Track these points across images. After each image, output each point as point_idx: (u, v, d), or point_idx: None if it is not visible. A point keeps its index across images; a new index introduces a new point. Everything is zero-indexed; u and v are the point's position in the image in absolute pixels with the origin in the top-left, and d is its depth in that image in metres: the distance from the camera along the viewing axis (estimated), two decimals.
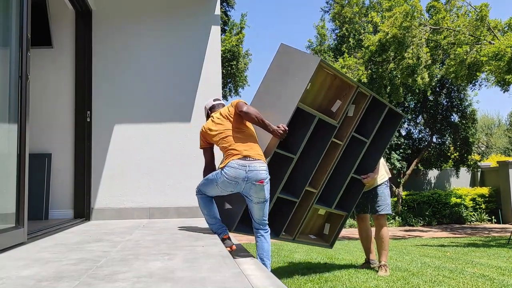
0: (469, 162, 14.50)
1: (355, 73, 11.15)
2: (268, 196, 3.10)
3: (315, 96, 3.70)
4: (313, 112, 3.42)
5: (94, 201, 4.65)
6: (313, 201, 3.74)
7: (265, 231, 3.16)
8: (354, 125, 3.80)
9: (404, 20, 9.94)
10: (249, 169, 3.01)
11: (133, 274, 1.83)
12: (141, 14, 4.94)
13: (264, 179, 3.03)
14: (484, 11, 9.61)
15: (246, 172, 3.01)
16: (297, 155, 3.41)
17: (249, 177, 3.01)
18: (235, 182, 3.03)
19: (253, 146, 3.13)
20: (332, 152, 3.77)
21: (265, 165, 3.08)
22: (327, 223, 4.28)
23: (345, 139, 3.78)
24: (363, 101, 3.82)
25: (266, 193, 3.07)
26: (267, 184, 3.07)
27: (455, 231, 11.07)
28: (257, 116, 3.12)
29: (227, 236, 3.18)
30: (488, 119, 28.56)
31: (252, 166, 3.01)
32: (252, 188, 3.03)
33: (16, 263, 2.15)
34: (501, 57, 8.64)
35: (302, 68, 3.33)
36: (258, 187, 3.03)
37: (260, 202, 3.09)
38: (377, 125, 4.01)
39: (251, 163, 3.03)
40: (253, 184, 3.01)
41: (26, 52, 2.82)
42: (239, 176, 3.01)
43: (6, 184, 2.69)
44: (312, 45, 15.94)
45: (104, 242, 2.90)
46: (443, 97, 14.68)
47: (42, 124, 4.60)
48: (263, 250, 3.12)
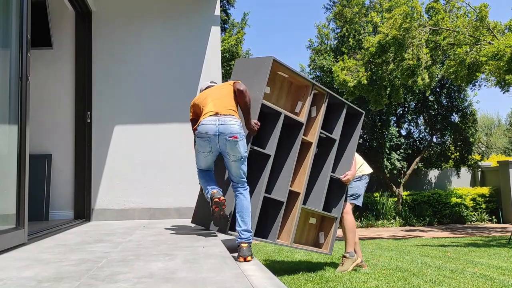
0: (469, 162, 14.50)
1: (355, 75, 11.15)
2: (245, 154, 3.10)
3: (277, 101, 3.86)
4: (278, 109, 3.56)
5: (94, 202, 4.65)
6: (300, 201, 3.81)
7: (244, 189, 3.13)
8: (319, 123, 3.95)
9: (404, 21, 9.95)
10: (219, 123, 3.03)
11: (134, 275, 1.84)
12: (141, 15, 4.95)
13: (238, 134, 3.04)
14: (484, 11, 9.61)
15: (217, 126, 3.03)
16: (273, 152, 3.50)
17: (220, 132, 3.03)
18: (207, 138, 3.06)
19: (226, 103, 3.18)
20: (305, 151, 3.92)
21: (237, 120, 3.11)
22: (321, 232, 4.34)
23: (315, 137, 3.93)
24: (322, 100, 4.00)
25: (242, 150, 3.08)
26: (242, 140, 3.07)
27: (456, 231, 11.07)
28: (249, 100, 3.22)
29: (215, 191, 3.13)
30: (488, 119, 28.57)
31: (222, 120, 3.05)
32: (227, 144, 3.04)
33: (16, 264, 2.15)
34: (500, 57, 8.64)
35: (259, 69, 3.50)
36: (232, 142, 3.03)
37: (237, 160, 3.09)
38: (339, 123, 4.17)
39: (221, 117, 3.07)
40: (227, 140, 3.03)
41: (26, 53, 2.82)
42: (209, 131, 3.04)
43: (6, 185, 2.69)
44: (312, 45, 15.93)
45: (104, 243, 2.90)
46: (443, 97, 14.69)
47: (42, 125, 4.60)
48: (242, 207, 3.06)
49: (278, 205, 3.64)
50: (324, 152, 4.17)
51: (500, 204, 13.59)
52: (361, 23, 13.64)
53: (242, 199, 3.06)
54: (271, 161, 3.49)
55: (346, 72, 11.34)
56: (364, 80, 10.82)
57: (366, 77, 10.90)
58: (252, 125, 3.28)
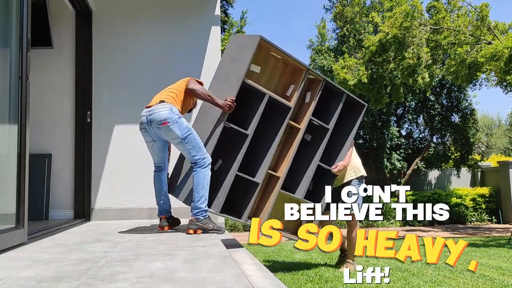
0: (469, 162, 14.49)
1: (356, 73, 11.14)
2: (184, 135, 3.17)
3: (268, 82, 3.80)
4: (263, 90, 3.55)
5: (94, 202, 4.65)
6: (279, 185, 3.77)
7: (198, 166, 3.21)
8: (310, 109, 3.87)
9: (405, 20, 9.94)
10: (150, 113, 3.21)
11: (134, 275, 1.83)
12: (141, 15, 4.94)
13: (167, 120, 3.14)
14: (485, 11, 9.61)
15: (147, 116, 3.21)
16: (251, 132, 3.50)
17: (150, 120, 3.19)
18: (144, 128, 3.27)
19: (162, 95, 3.32)
20: (293, 137, 3.87)
21: (167, 105, 3.20)
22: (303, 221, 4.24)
23: (304, 124, 3.86)
24: (318, 87, 3.92)
25: (177, 132, 3.15)
26: (175, 123, 3.15)
27: (456, 231, 11.07)
28: (203, 92, 3.34)
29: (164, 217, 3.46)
30: (488, 119, 28.54)
31: (151, 110, 3.21)
32: (161, 132, 3.20)
33: (16, 264, 2.15)
34: (498, 58, 8.63)
35: (246, 48, 3.52)
36: (164, 129, 3.17)
37: (179, 143, 3.21)
38: (336, 112, 4.06)
39: (152, 108, 3.23)
40: (158, 127, 3.17)
41: (26, 52, 2.82)
42: (143, 122, 3.24)
43: (6, 185, 2.69)
44: (313, 45, 15.92)
45: (104, 242, 2.90)
46: (444, 97, 14.68)
47: (42, 125, 4.60)
48: (195, 184, 3.21)
49: (255, 186, 3.63)
50: (317, 141, 4.08)
51: (500, 204, 13.58)
52: (361, 23, 13.63)
53: (195, 177, 3.20)
54: (248, 141, 3.48)
55: (346, 71, 11.33)
56: (365, 78, 10.81)
57: (366, 75, 10.89)
58: (224, 104, 3.30)
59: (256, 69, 3.69)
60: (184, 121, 3.23)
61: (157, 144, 3.33)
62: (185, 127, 3.19)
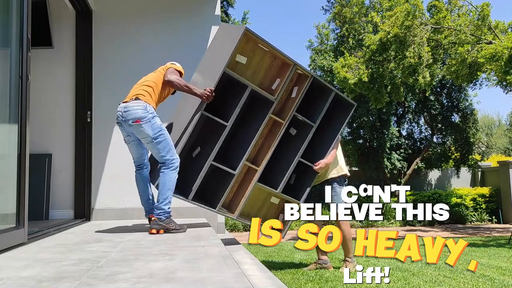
0: (469, 162, 14.49)
1: (356, 72, 11.13)
2: (154, 134, 3.17)
3: (254, 73, 3.79)
4: (245, 81, 3.54)
5: (94, 202, 4.65)
6: (256, 178, 3.78)
7: (166, 167, 3.24)
8: (295, 105, 3.86)
9: (406, 19, 9.93)
10: (124, 110, 3.20)
11: (134, 275, 1.83)
12: (141, 15, 4.94)
13: (140, 118, 3.14)
14: (486, 10, 9.60)
15: (122, 113, 3.20)
16: (230, 123, 3.51)
17: (125, 118, 3.19)
18: (119, 124, 3.26)
19: (139, 89, 3.31)
20: (275, 131, 3.87)
21: (141, 104, 3.19)
22: (282, 214, 4.20)
23: (287, 118, 3.86)
24: (305, 83, 3.90)
25: (149, 132, 3.16)
26: (148, 123, 3.15)
27: (456, 231, 11.07)
28: (180, 83, 3.31)
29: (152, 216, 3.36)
30: (488, 119, 28.52)
31: (126, 107, 3.20)
32: (133, 129, 3.20)
33: (16, 264, 2.15)
34: (497, 59, 8.63)
35: (230, 39, 3.52)
36: (135, 127, 3.17)
37: (149, 142, 3.21)
38: (323, 109, 4.03)
39: (127, 104, 3.22)
40: (131, 125, 3.17)
41: (27, 52, 2.82)
42: (118, 118, 3.24)
43: (6, 184, 2.69)
44: (312, 45, 15.92)
45: (104, 242, 2.90)
46: (444, 97, 14.68)
47: (43, 125, 4.60)
48: (161, 185, 3.24)
49: (231, 176, 3.65)
50: (302, 136, 4.06)
51: (500, 204, 13.58)
52: (361, 23, 13.63)
53: (161, 178, 3.22)
54: (226, 132, 3.50)
55: (346, 69, 11.31)
56: (365, 77, 10.79)
57: (367, 74, 10.88)
58: (203, 94, 3.30)
59: (242, 60, 3.67)
60: (158, 121, 3.23)
61: (134, 141, 3.35)
62: (157, 127, 3.20)
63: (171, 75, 3.35)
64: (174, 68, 3.44)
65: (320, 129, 4.10)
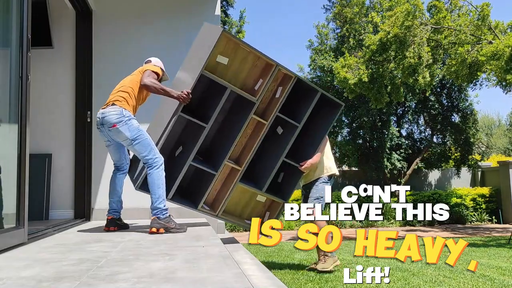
0: (469, 162, 14.48)
1: (356, 72, 11.13)
2: (132, 136, 3.21)
3: (236, 74, 3.76)
4: (224, 83, 3.54)
5: (94, 201, 4.64)
6: (237, 178, 3.78)
7: (151, 168, 3.28)
8: (278, 106, 3.83)
9: (406, 19, 9.93)
10: (102, 116, 3.26)
11: (134, 275, 1.83)
12: (141, 14, 4.94)
13: (117, 123, 3.19)
14: (486, 10, 9.60)
15: (100, 118, 3.28)
16: (209, 125, 3.52)
17: (102, 123, 3.25)
18: (99, 129, 3.33)
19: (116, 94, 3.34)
20: (258, 131, 3.86)
21: (117, 109, 3.23)
22: (268, 212, 4.22)
23: (270, 119, 3.83)
24: (289, 83, 3.86)
25: (127, 134, 3.20)
26: (124, 125, 3.20)
27: (456, 231, 11.07)
28: (156, 86, 3.32)
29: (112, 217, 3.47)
30: (488, 119, 28.52)
31: (103, 113, 3.26)
32: (112, 134, 3.26)
33: (16, 264, 2.15)
34: (499, 57, 8.63)
35: (209, 39, 3.51)
36: (113, 131, 3.23)
37: (130, 144, 3.27)
38: (308, 110, 3.97)
39: (104, 110, 3.27)
40: (109, 130, 3.23)
41: (27, 52, 2.82)
42: (97, 124, 3.31)
43: (6, 184, 2.69)
44: (312, 45, 15.91)
45: (104, 242, 2.90)
46: (444, 97, 14.68)
47: (43, 124, 4.60)
48: (150, 186, 3.29)
49: (212, 176, 3.67)
50: (285, 136, 4.03)
51: (500, 204, 13.58)
52: (361, 23, 13.63)
53: (149, 178, 3.27)
54: (205, 132, 3.51)
55: (346, 70, 11.31)
56: (365, 77, 10.79)
57: (367, 74, 10.87)
58: (180, 96, 3.32)
59: (224, 60, 3.64)
60: (135, 123, 3.26)
61: (112, 144, 3.41)
62: (134, 128, 3.23)
63: (147, 79, 3.33)
64: (151, 70, 3.42)
65: (309, 129, 4.09)
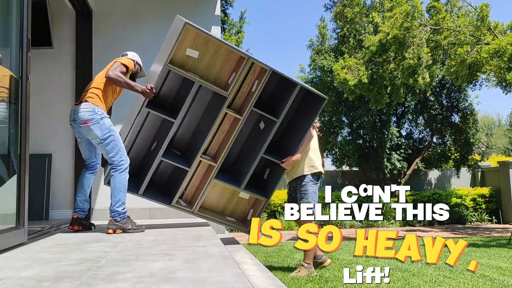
0: (469, 162, 14.49)
1: (356, 73, 11.14)
2: (103, 135, 3.21)
3: (208, 67, 3.68)
4: (191, 77, 3.48)
5: (94, 202, 4.64)
6: (213, 174, 3.73)
7: (115, 170, 3.28)
8: (253, 100, 3.72)
9: (405, 20, 9.94)
10: (74, 112, 3.25)
11: (134, 275, 1.83)
12: (141, 15, 4.94)
13: (89, 120, 3.18)
14: (485, 11, 9.61)
15: (72, 115, 3.27)
16: (177, 120, 3.50)
17: (74, 119, 3.24)
18: (71, 125, 3.32)
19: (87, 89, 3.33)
20: (235, 126, 3.78)
21: (90, 106, 3.21)
22: (252, 209, 4.14)
23: (245, 114, 3.74)
24: (264, 76, 3.72)
25: (97, 133, 3.19)
26: (96, 124, 3.19)
27: (456, 231, 11.07)
28: (119, 80, 3.27)
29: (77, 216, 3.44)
30: (488, 119, 28.52)
31: (75, 110, 3.25)
32: (82, 130, 3.25)
33: (16, 264, 2.15)
34: (501, 54, 8.63)
35: (174, 32, 3.47)
36: (84, 129, 3.22)
37: (99, 143, 3.26)
38: (287, 104, 3.83)
39: (76, 106, 3.26)
40: (80, 127, 3.22)
41: (27, 52, 2.82)
42: (70, 119, 3.30)
43: (6, 184, 2.69)
44: (313, 45, 15.91)
45: (104, 242, 2.90)
46: (444, 97, 14.68)
47: (43, 125, 4.60)
48: (112, 188, 3.30)
49: (185, 172, 3.66)
50: (264, 132, 3.94)
51: (500, 204, 13.58)
52: (361, 23, 13.63)
53: (112, 181, 3.28)
54: (174, 127, 3.50)
55: (346, 71, 11.32)
56: (365, 79, 10.79)
57: (366, 75, 10.88)
58: (143, 91, 3.31)
59: (194, 54, 3.58)
60: (107, 122, 3.24)
61: (83, 142, 3.39)
62: (106, 128, 3.22)
63: (112, 71, 3.28)
64: (120, 63, 3.37)
65: (296, 124, 4.03)
